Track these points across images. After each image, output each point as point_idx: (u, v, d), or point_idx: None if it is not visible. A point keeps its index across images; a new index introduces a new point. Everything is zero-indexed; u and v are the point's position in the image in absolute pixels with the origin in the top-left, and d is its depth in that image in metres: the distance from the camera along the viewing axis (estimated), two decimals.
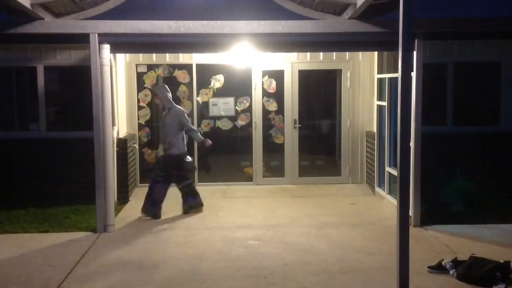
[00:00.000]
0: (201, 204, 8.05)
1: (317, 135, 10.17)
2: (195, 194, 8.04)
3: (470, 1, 7.75)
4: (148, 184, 8.03)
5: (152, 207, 7.76)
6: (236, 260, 5.95)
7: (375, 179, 9.08)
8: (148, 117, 9.58)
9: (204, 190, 9.14)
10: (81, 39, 6.88)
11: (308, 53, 9.54)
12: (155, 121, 9.75)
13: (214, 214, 7.98)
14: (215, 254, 6.16)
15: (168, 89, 8.01)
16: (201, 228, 7.26)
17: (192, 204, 7.99)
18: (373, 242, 6.50)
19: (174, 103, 8.01)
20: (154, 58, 9.40)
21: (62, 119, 8.87)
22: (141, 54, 9.26)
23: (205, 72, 9.55)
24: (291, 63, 9.66)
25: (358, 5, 6.41)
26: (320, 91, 10.35)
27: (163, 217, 7.78)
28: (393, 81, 8.24)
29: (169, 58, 9.39)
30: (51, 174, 8.35)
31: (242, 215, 7.88)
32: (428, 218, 7.20)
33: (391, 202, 8.23)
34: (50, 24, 6.89)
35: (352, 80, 9.68)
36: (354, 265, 5.72)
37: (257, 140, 9.72)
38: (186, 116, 8.07)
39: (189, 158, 8.03)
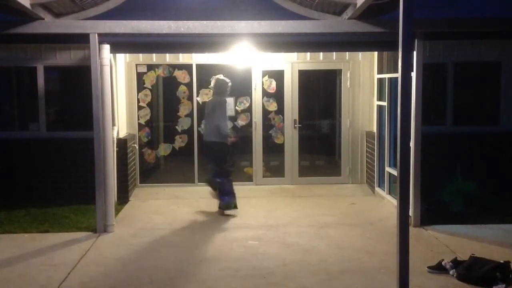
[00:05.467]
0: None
1: (317, 135, 10.18)
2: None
3: (470, 1, 7.75)
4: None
5: (233, 199, 7.86)
6: (236, 260, 5.94)
7: (375, 179, 9.08)
8: (148, 117, 9.58)
9: (204, 190, 9.14)
10: (81, 39, 6.88)
11: (308, 53, 9.54)
12: (155, 121, 9.76)
13: (214, 214, 7.98)
14: (215, 254, 6.16)
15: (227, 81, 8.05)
16: (201, 228, 7.26)
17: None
18: (373, 242, 6.50)
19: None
20: (154, 58, 9.40)
21: (62, 119, 8.87)
22: (141, 54, 9.26)
23: (205, 72, 9.54)
24: (291, 63, 9.66)
25: (358, 5, 6.40)
26: (320, 91, 10.35)
27: (162, 217, 7.80)
28: (393, 81, 8.24)
29: (169, 58, 9.39)
30: (51, 174, 8.35)
31: (242, 215, 7.87)
32: (428, 218, 7.20)
33: (391, 202, 8.23)
34: (50, 24, 6.88)
35: (352, 80, 9.68)
36: (354, 265, 5.72)
37: (257, 140, 9.73)
38: None
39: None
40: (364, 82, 9.61)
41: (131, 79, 9.45)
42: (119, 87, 8.81)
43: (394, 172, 7.96)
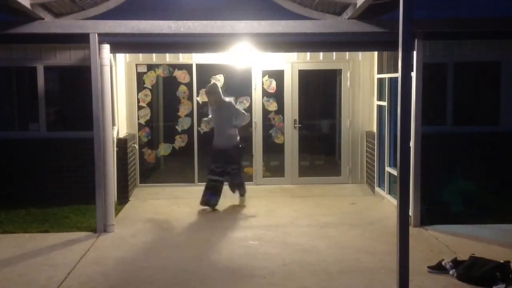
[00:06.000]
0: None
1: (317, 135, 10.17)
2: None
3: (470, 1, 7.75)
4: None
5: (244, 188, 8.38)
6: (236, 260, 5.95)
7: (375, 179, 9.08)
8: (148, 117, 9.58)
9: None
10: (81, 39, 6.88)
11: (308, 53, 9.54)
12: (155, 121, 9.76)
13: (214, 214, 7.99)
14: (215, 254, 6.16)
15: (218, 85, 8.45)
16: (201, 228, 7.27)
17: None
18: (373, 242, 6.50)
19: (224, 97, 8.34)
20: (154, 58, 9.40)
21: (62, 119, 8.87)
22: (141, 54, 9.26)
23: (205, 72, 9.55)
24: (291, 63, 9.66)
25: (358, 5, 6.40)
26: (320, 91, 10.35)
27: (162, 217, 7.80)
28: (393, 81, 8.24)
29: (169, 58, 9.39)
30: (51, 174, 8.35)
31: (242, 215, 7.89)
32: (428, 218, 7.20)
33: (391, 202, 8.23)
34: (50, 24, 6.88)
35: (352, 80, 9.68)
36: (354, 265, 5.72)
37: (257, 140, 9.73)
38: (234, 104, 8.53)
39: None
40: (364, 82, 9.61)
41: (131, 79, 9.45)
42: (119, 87, 8.81)
43: (394, 172, 7.96)
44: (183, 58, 9.43)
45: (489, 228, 7.01)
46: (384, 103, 8.63)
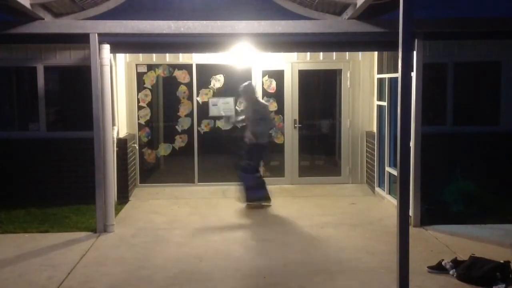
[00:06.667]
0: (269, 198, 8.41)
1: (317, 135, 10.17)
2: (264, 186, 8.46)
3: (471, 1, 7.75)
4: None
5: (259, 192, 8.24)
6: (236, 260, 5.95)
7: (375, 179, 9.08)
8: (148, 117, 9.58)
9: (204, 190, 9.17)
10: (81, 39, 6.88)
11: (308, 53, 9.54)
12: (155, 121, 9.76)
13: (214, 214, 7.99)
14: (215, 254, 6.16)
15: (251, 85, 8.48)
16: (201, 228, 7.27)
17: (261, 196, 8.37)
18: (373, 242, 6.50)
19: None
20: (154, 58, 9.40)
21: (62, 119, 8.88)
22: (141, 54, 9.25)
23: (205, 72, 9.55)
24: (291, 63, 9.66)
25: (358, 5, 6.41)
26: (320, 91, 10.34)
27: (162, 217, 7.80)
28: (393, 81, 8.24)
29: (169, 58, 9.39)
30: (51, 174, 8.35)
31: (241, 215, 7.89)
32: (428, 218, 7.21)
33: (391, 202, 8.23)
34: (50, 24, 6.88)
35: (352, 80, 9.68)
36: (354, 265, 5.72)
37: None
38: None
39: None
40: (364, 82, 9.61)
41: (131, 79, 9.45)
42: (119, 87, 8.81)
43: (394, 172, 7.96)
44: (183, 58, 9.43)
45: (489, 228, 7.01)
46: (384, 103, 8.63)
